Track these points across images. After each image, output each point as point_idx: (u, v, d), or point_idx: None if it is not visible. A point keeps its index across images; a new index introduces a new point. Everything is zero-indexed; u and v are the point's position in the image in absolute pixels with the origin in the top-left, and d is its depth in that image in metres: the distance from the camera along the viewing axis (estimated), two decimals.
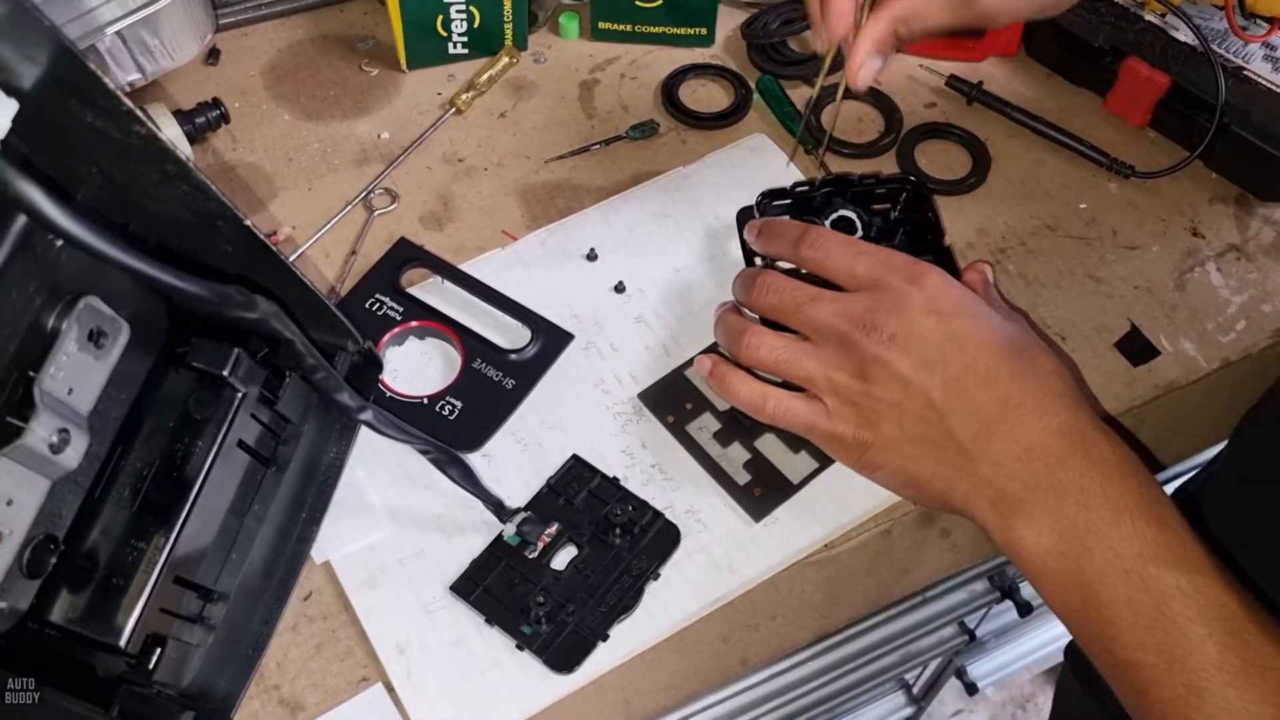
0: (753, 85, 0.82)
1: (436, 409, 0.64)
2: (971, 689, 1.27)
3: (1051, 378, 0.53)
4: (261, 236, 0.47)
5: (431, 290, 0.70)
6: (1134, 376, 0.69)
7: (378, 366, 0.61)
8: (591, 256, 0.72)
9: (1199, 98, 0.76)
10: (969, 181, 0.77)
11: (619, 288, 0.70)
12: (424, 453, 0.58)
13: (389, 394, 0.65)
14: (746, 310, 0.61)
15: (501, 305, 0.68)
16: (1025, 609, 1.06)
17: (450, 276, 0.69)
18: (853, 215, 0.67)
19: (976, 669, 1.28)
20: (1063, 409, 0.51)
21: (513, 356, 0.66)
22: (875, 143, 0.79)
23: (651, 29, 0.85)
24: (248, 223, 0.46)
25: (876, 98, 0.82)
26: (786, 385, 0.58)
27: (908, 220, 0.68)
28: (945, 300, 0.53)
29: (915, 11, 0.58)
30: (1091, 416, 0.52)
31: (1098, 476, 0.49)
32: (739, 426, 0.64)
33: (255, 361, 0.53)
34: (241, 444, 0.54)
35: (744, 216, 0.70)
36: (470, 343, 0.67)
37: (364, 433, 0.60)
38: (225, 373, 0.51)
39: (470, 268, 0.71)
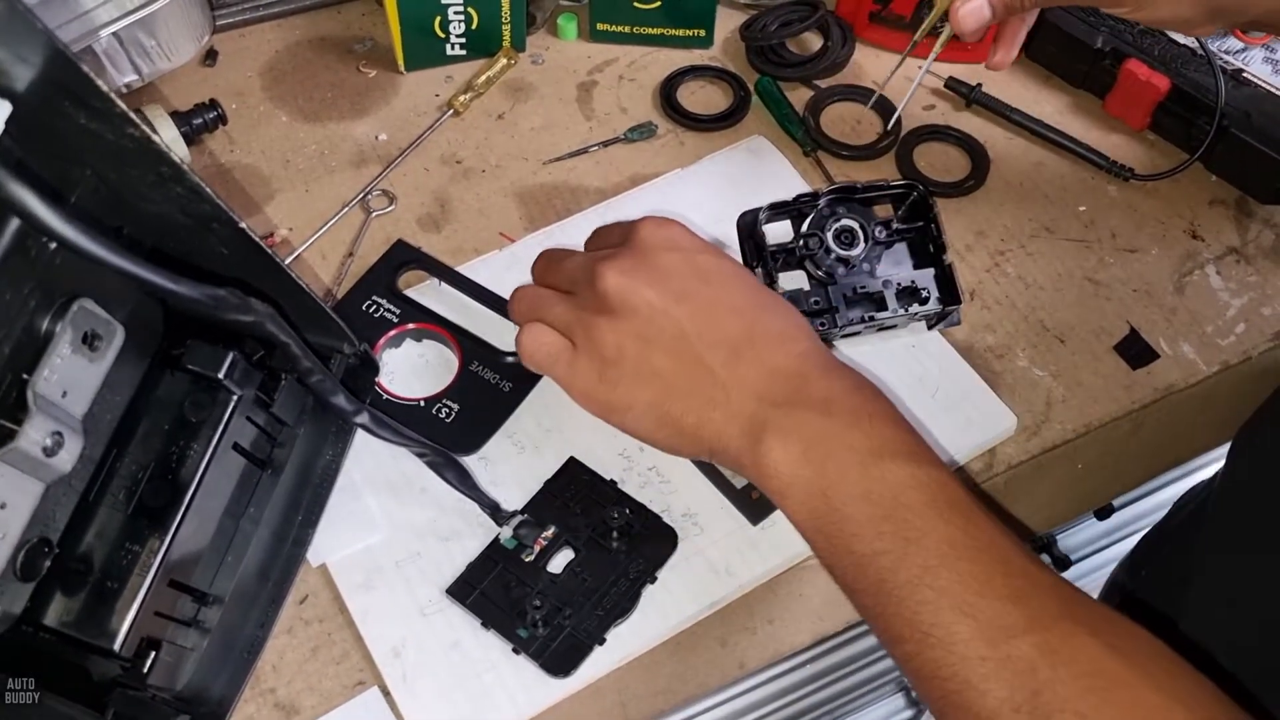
0: (751, 87, 0.82)
1: (433, 411, 0.64)
2: None
3: (791, 314, 0.56)
4: (257, 239, 0.47)
5: (429, 292, 0.69)
6: (1133, 380, 0.68)
7: (374, 369, 0.61)
8: None
9: (1199, 100, 0.76)
10: (968, 184, 0.77)
11: None
12: (420, 455, 0.58)
13: (385, 396, 0.65)
14: None
15: (499, 307, 0.68)
16: None
17: (447, 279, 0.69)
18: (855, 225, 0.67)
19: None
20: (804, 338, 0.55)
21: (510, 359, 0.66)
22: (874, 144, 0.79)
23: (650, 30, 0.84)
24: (243, 225, 0.46)
25: (876, 99, 0.82)
26: None
27: (910, 230, 0.67)
28: (685, 240, 0.56)
29: None
30: (825, 349, 0.55)
31: (839, 389, 0.52)
32: None
33: (250, 364, 0.53)
34: (237, 447, 0.54)
35: (746, 221, 0.70)
36: (467, 345, 0.66)
37: (360, 435, 0.60)
38: (220, 375, 0.50)
39: (468, 270, 0.71)
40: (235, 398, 0.52)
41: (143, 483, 0.51)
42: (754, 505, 0.62)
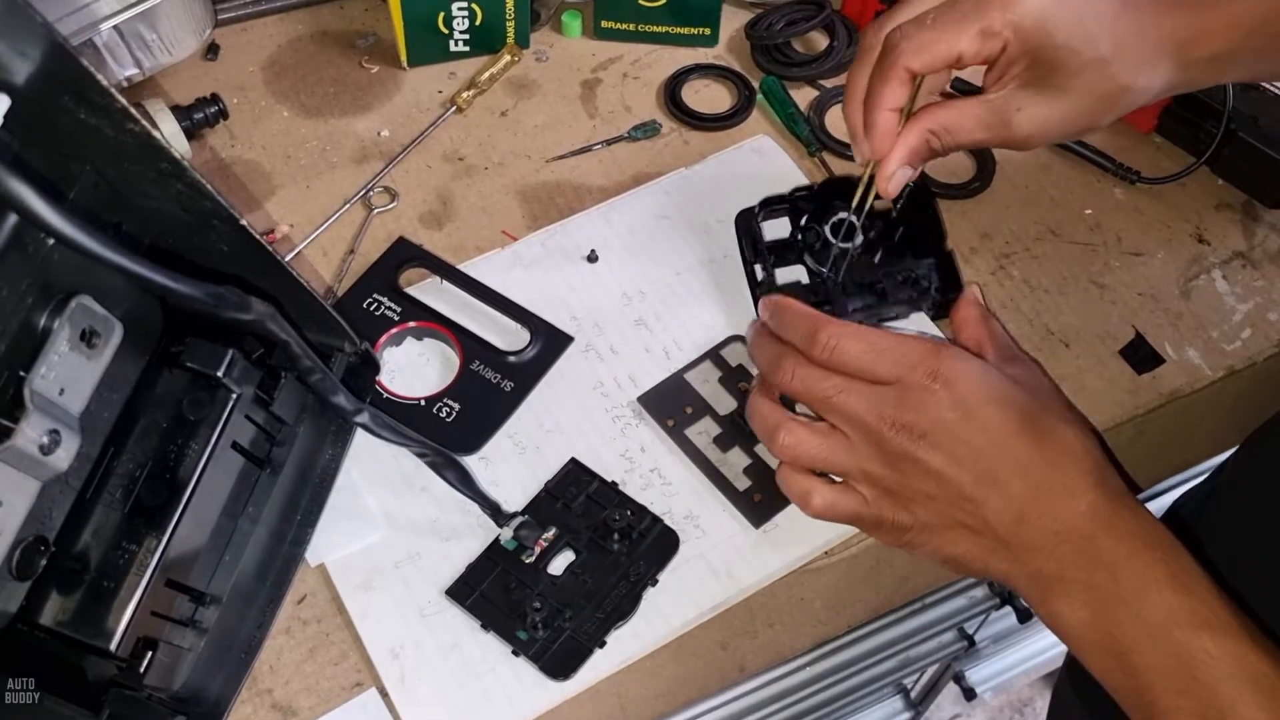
0: (756, 86, 0.82)
1: (434, 411, 0.64)
2: (970, 694, 1.26)
3: (1077, 456, 0.53)
4: (257, 236, 0.47)
5: (430, 290, 0.69)
6: (1138, 384, 0.68)
7: (375, 368, 0.60)
8: (592, 258, 0.71)
9: (1206, 104, 0.76)
10: (973, 185, 0.77)
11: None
12: (420, 455, 0.57)
13: (386, 395, 0.64)
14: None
15: (500, 306, 0.68)
16: (1024, 615, 1.06)
17: (449, 277, 0.69)
18: (853, 219, 0.66)
19: (975, 674, 1.27)
20: (1089, 488, 0.52)
21: (511, 358, 0.66)
22: None
23: (655, 28, 0.84)
24: (243, 222, 0.46)
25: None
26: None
27: (908, 222, 0.67)
28: (970, 393, 0.53)
29: (949, 125, 0.58)
30: (1115, 491, 0.53)
31: (1124, 551, 0.51)
32: (739, 432, 0.64)
33: (250, 362, 0.52)
34: (235, 445, 0.53)
35: (743, 219, 0.70)
36: (469, 344, 0.66)
37: (360, 435, 0.60)
38: (219, 374, 0.50)
39: (469, 268, 0.70)
40: (234, 396, 0.51)
41: (140, 481, 0.51)
42: (756, 508, 0.61)
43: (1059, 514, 0.52)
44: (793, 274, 0.68)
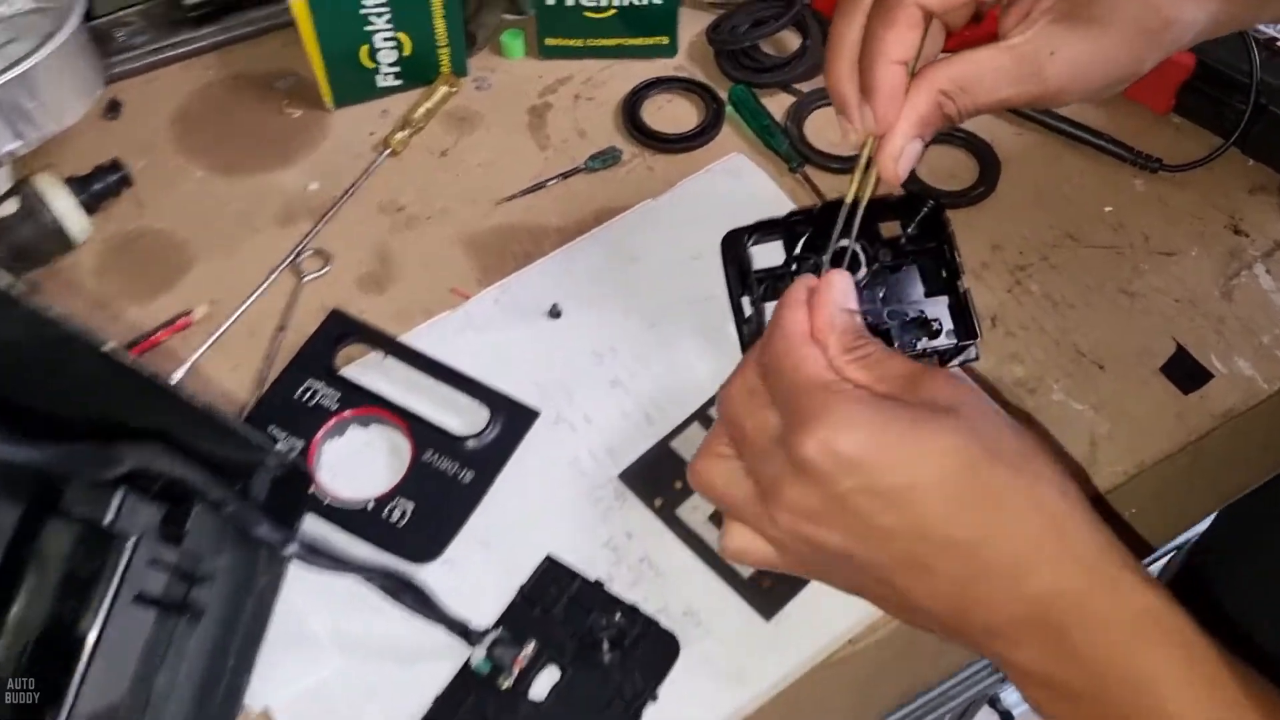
0: (724, 98, 0.75)
1: (384, 515, 0.55)
2: (1006, 717, 1.20)
3: (1036, 511, 0.41)
4: (126, 362, 0.38)
5: (372, 367, 0.61)
6: (1185, 406, 0.60)
7: (306, 480, 0.52)
8: (554, 313, 0.63)
9: (1230, 77, 0.70)
10: (977, 191, 0.70)
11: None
12: (369, 580, 0.49)
13: (327, 500, 0.56)
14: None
15: (453, 382, 0.59)
16: None
17: (393, 352, 0.61)
18: (855, 247, 0.58)
19: (1010, 695, 1.21)
20: (1048, 561, 0.41)
21: (470, 443, 0.57)
22: None
23: (606, 42, 0.77)
24: (107, 349, 0.37)
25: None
26: None
27: (919, 252, 0.59)
28: (861, 455, 0.41)
29: (966, 83, 0.47)
30: (1074, 570, 0.41)
31: (1103, 650, 0.40)
32: None
33: (150, 496, 0.44)
34: (142, 596, 0.45)
35: (730, 242, 0.61)
36: (420, 431, 0.58)
37: None
38: (106, 522, 0.42)
39: (416, 337, 0.62)
40: (131, 542, 0.43)
41: (28, 650, 0.43)
42: (765, 596, 0.54)
43: (1008, 603, 0.41)
44: None
